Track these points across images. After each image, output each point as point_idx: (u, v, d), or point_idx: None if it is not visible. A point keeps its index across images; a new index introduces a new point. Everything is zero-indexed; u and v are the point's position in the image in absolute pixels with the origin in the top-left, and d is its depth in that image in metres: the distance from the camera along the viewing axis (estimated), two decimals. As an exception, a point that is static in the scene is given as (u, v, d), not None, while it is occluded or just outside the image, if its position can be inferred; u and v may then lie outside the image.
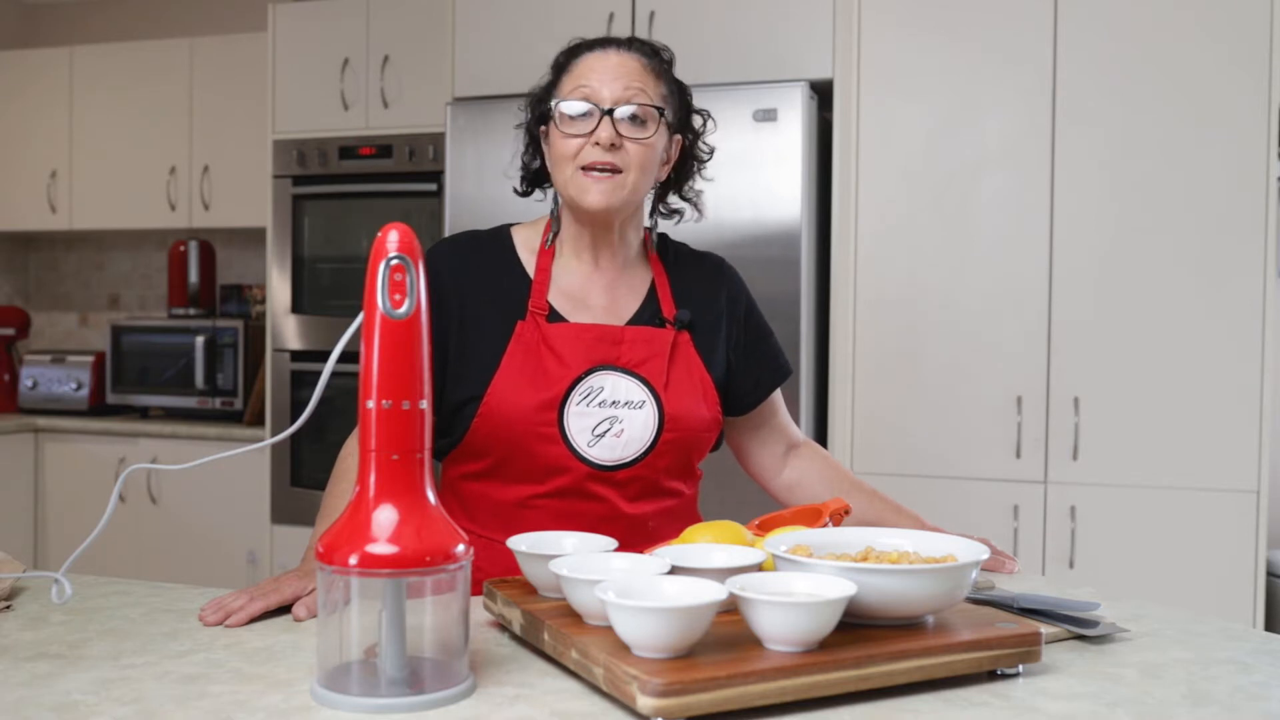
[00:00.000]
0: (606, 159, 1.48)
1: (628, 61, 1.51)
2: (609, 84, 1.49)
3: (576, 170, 1.49)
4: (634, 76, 1.50)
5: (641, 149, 1.50)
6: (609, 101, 1.48)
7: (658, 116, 1.51)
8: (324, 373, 1.14)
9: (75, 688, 1.00)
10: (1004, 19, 2.91)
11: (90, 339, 4.98)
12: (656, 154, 1.53)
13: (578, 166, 1.49)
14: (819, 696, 0.96)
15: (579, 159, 1.49)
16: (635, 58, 1.52)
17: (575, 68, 1.52)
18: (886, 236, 3.00)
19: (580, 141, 1.49)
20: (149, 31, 4.80)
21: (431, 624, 1.00)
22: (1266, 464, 2.74)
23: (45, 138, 4.57)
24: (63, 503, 4.33)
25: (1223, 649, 1.16)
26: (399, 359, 0.99)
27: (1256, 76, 2.74)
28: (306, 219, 3.97)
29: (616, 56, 1.51)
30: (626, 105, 1.48)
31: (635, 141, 1.49)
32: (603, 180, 1.49)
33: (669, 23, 3.18)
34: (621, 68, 1.50)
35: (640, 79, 1.51)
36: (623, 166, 1.49)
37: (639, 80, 1.50)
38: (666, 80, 1.55)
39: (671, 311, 1.58)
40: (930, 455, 2.97)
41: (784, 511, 1.44)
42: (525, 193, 1.66)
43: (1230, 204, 2.76)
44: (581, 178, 1.49)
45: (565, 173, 1.51)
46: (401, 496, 0.99)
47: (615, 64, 1.50)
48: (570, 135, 1.49)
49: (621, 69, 1.50)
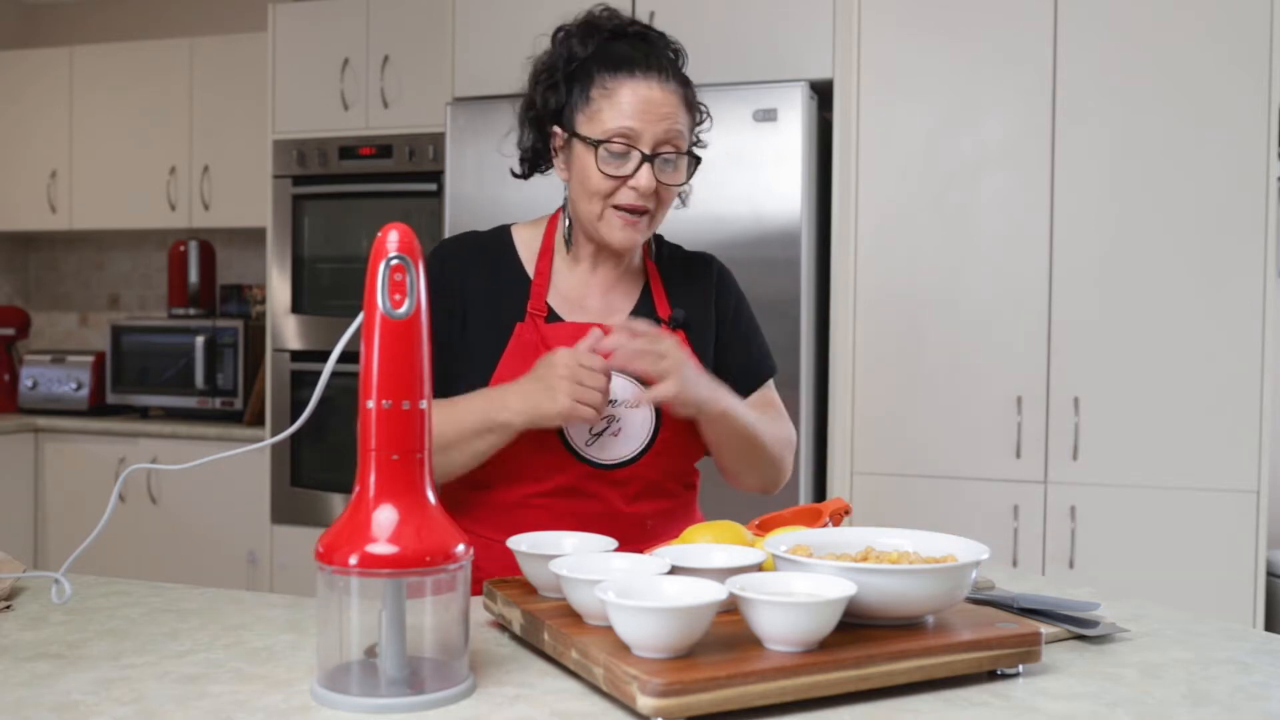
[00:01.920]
0: (643, 204, 1.48)
1: (669, 98, 1.48)
2: (651, 125, 1.46)
3: (608, 208, 1.48)
4: (674, 117, 1.48)
5: (672, 192, 1.51)
6: (649, 145, 1.46)
7: (690, 159, 1.51)
8: (324, 373, 1.14)
9: (75, 688, 1.00)
10: (1004, 19, 2.91)
11: (90, 339, 4.98)
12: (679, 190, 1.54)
13: (609, 204, 1.48)
14: (819, 696, 0.96)
15: (613, 198, 1.48)
16: (673, 91, 1.49)
17: (617, 94, 1.47)
18: (886, 236, 3.00)
19: (617, 182, 1.47)
20: (149, 31, 4.80)
21: (431, 624, 1.00)
22: (1266, 464, 2.74)
23: (45, 138, 4.57)
24: (63, 503, 4.33)
25: (1223, 649, 1.16)
26: (399, 359, 0.99)
27: (1256, 76, 2.74)
28: (306, 219, 3.97)
29: (660, 92, 1.47)
30: (666, 149, 1.47)
31: (668, 186, 1.49)
32: (635, 224, 1.49)
33: (669, 23, 3.15)
34: (665, 106, 1.47)
35: (679, 118, 1.48)
36: (652, 208, 1.49)
37: (678, 120, 1.48)
38: (694, 109, 1.54)
39: (666, 311, 1.59)
40: (930, 455, 2.97)
41: (784, 511, 1.44)
42: (524, 175, 1.62)
43: (1230, 204, 2.76)
44: (612, 216, 1.48)
45: (594, 207, 1.49)
46: (401, 496, 0.99)
47: (659, 101, 1.47)
48: (609, 175, 1.47)
49: (664, 107, 1.47)
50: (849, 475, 3.02)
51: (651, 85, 1.47)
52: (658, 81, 1.48)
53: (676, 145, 1.48)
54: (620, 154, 1.46)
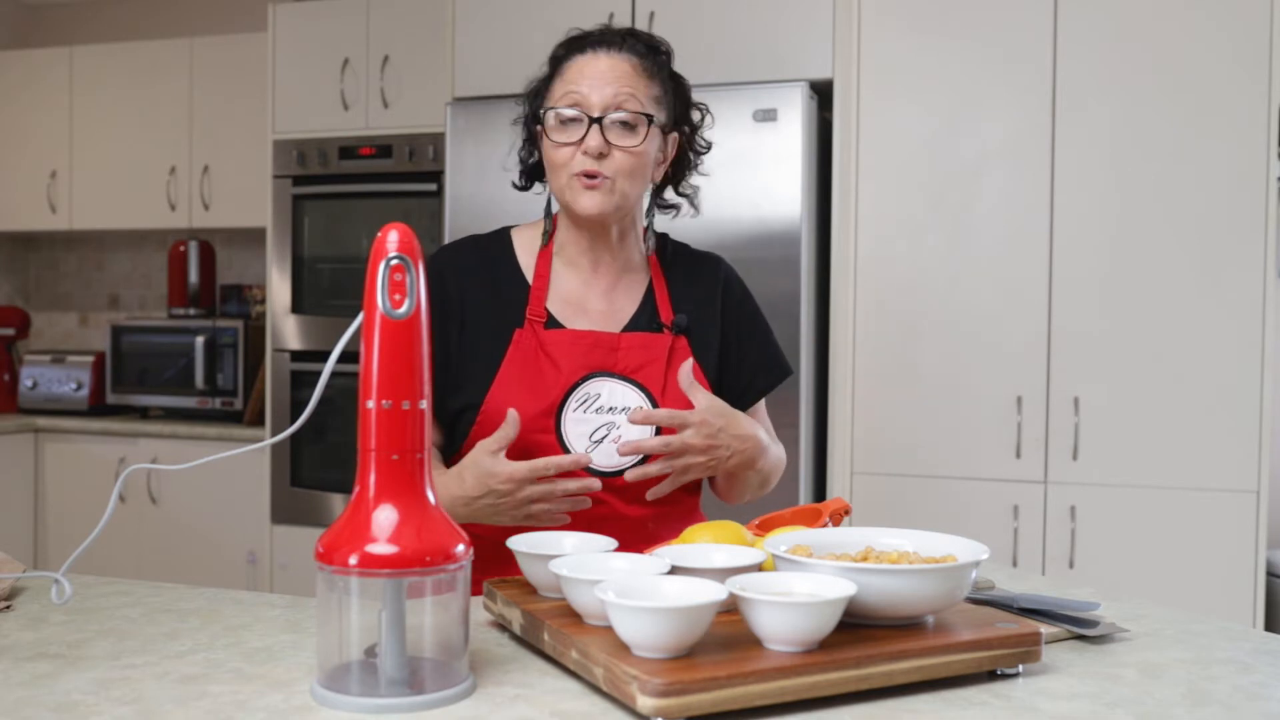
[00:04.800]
0: (595, 167, 1.48)
1: (619, 64, 1.50)
2: (598, 89, 1.48)
3: (570, 177, 1.50)
4: (624, 80, 1.49)
5: (630, 157, 1.49)
6: (598, 109, 1.48)
7: (647, 122, 1.50)
8: (324, 373, 1.14)
9: (75, 688, 1.00)
10: (1004, 19, 2.91)
11: (90, 339, 4.98)
12: (647, 159, 1.52)
13: (570, 173, 1.49)
14: (819, 696, 0.96)
15: (570, 166, 1.49)
16: (627, 59, 1.51)
17: (567, 70, 1.52)
18: (886, 236, 3.00)
19: (571, 150, 1.49)
20: (149, 31, 4.80)
21: (431, 624, 1.00)
22: (1266, 464, 2.74)
23: (45, 138, 4.57)
24: (63, 503, 4.33)
25: (1223, 649, 1.16)
26: (399, 359, 0.99)
27: (1257, 76, 2.74)
28: (306, 219, 3.97)
29: (607, 59, 1.50)
30: (615, 112, 1.48)
31: (624, 150, 1.49)
32: (594, 187, 1.49)
33: (669, 22, 3.18)
34: (612, 71, 1.49)
35: (631, 82, 1.49)
36: (611, 174, 1.49)
37: (629, 84, 1.49)
38: (661, 79, 1.54)
39: (669, 316, 1.58)
40: (930, 455, 2.97)
41: (784, 511, 1.43)
42: (524, 187, 1.65)
43: (1230, 204, 2.76)
44: (574, 183, 1.50)
45: (560, 179, 1.51)
46: (401, 496, 0.99)
47: (606, 67, 1.49)
48: (560, 144, 1.49)
49: (612, 73, 1.49)
50: (849, 475, 3.02)
51: (599, 55, 1.51)
52: (605, 52, 1.51)
53: (627, 108, 1.49)
54: (571, 120, 1.49)
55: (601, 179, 1.48)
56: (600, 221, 1.53)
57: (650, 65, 1.53)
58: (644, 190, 1.57)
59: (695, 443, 1.43)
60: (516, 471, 1.38)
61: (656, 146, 1.54)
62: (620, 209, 1.52)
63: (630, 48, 1.52)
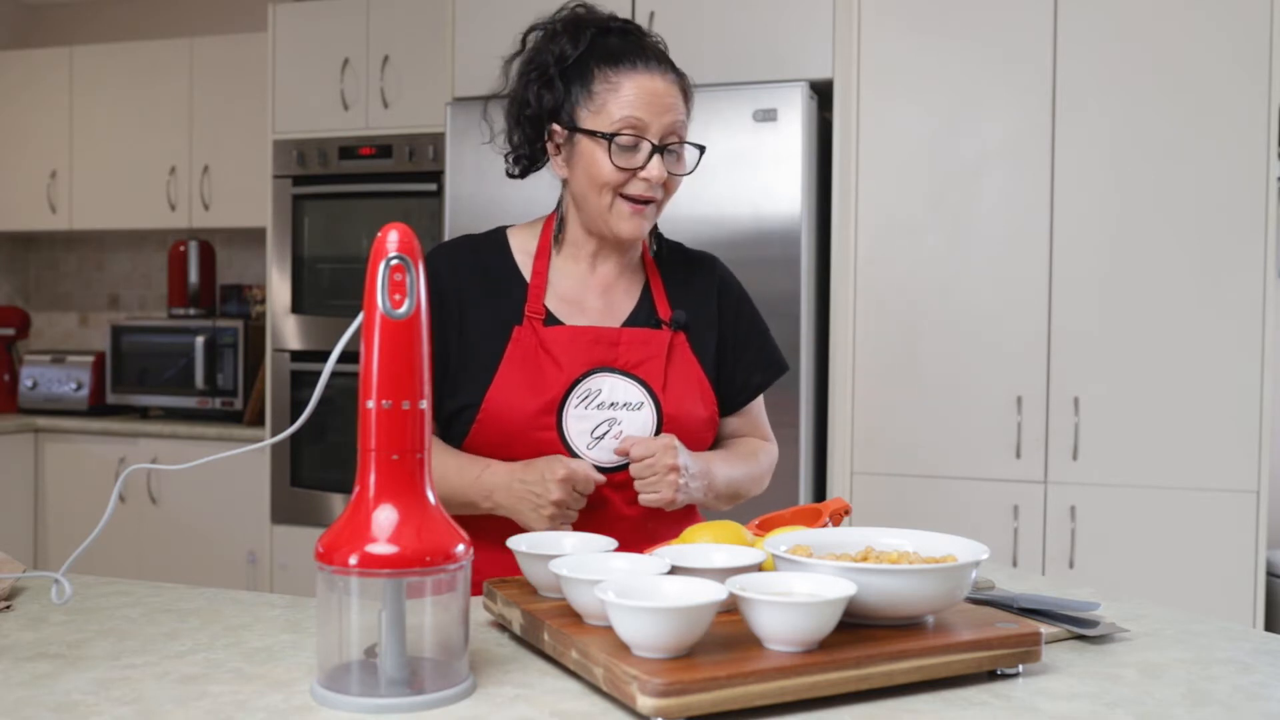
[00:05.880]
0: (650, 194, 1.49)
1: (671, 89, 1.50)
2: (657, 116, 1.48)
3: (617, 198, 1.50)
4: (677, 107, 1.50)
5: (678, 181, 1.52)
6: (657, 136, 1.48)
7: (699, 152, 1.53)
8: (324, 373, 1.14)
9: (75, 688, 1.00)
10: (1004, 19, 2.91)
11: (90, 339, 4.98)
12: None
13: (619, 195, 1.49)
14: (819, 696, 0.96)
15: (625, 189, 1.49)
16: (673, 81, 1.51)
17: (621, 87, 1.48)
18: (886, 236, 3.00)
19: (627, 175, 1.48)
20: (149, 31, 4.80)
21: (431, 624, 1.00)
22: (1266, 464, 2.74)
23: (45, 138, 4.57)
24: (63, 503, 4.33)
25: (1223, 649, 1.16)
26: (399, 359, 0.99)
27: (1256, 76, 2.74)
28: (306, 219, 3.97)
29: (662, 83, 1.50)
30: (672, 140, 1.49)
31: (675, 175, 1.51)
32: (640, 210, 1.50)
33: (669, 23, 3.18)
34: (668, 97, 1.49)
35: (679, 109, 1.51)
36: (660, 198, 1.51)
37: (679, 111, 1.51)
38: (690, 98, 1.55)
39: (667, 313, 1.59)
40: (930, 455, 2.97)
41: (784, 511, 1.43)
42: (520, 175, 1.61)
43: (1230, 204, 2.76)
44: (621, 205, 1.50)
45: (603, 199, 1.50)
46: (401, 496, 0.99)
47: (662, 91, 1.49)
48: (620, 168, 1.48)
49: (668, 98, 1.49)
50: (849, 475, 3.02)
51: (654, 77, 1.49)
52: (659, 73, 1.50)
53: (680, 135, 1.50)
54: (629, 146, 1.47)
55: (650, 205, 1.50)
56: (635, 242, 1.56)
57: (685, 85, 1.55)
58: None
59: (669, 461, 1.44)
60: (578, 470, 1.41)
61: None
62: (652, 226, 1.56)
63: (670, 68, 1.53)
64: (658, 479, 1.44)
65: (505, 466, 1.47)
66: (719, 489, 1.54)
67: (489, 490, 1.46)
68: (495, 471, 1.47)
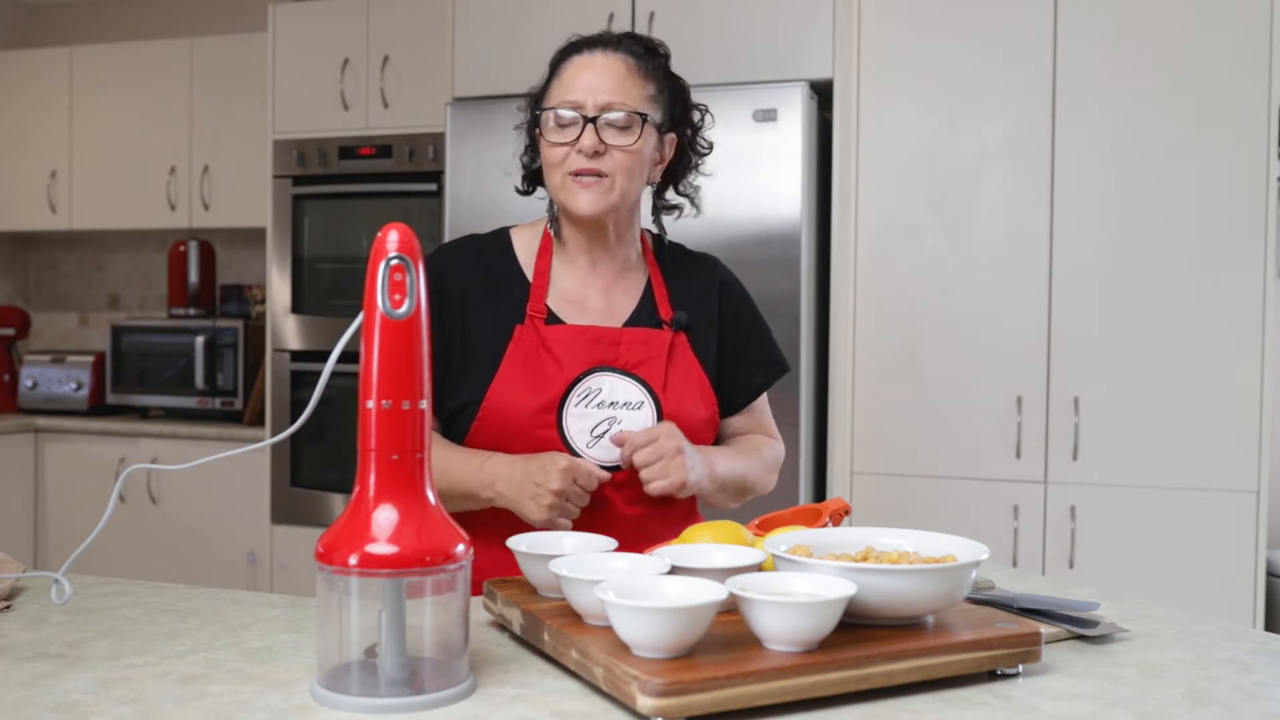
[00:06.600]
0: (591, 165, 1.50)
1: (614, 64, 1.51)
2: (594, 90, 1.49)
3: (566, 176, 1.51)
4: (619, 81, 1.50)
5: (626, 155, 1.51)
6: (592, 109, 1.49)
7: (641, 122, 1.51)
8: (324, 373, 1.14)
9: (75, 688, 1.00)
10: (1004, 19, 2.91)
11: (90, 339, 4.98)
12: (643, 158, 1.53)
13: (566, 173, 1.51)
14: (819, 696, 0.96)
15: (565, 165, 1.51)
16: (622, 59, 1.52)
17: (563, 72, 1.53)
18: (886, 236, 3.00)
19: (566, 149, 1.50)
20: (149, 31, 4.80)
21: (431, 624, 1.00)
22: (1266, 464, 2.74)
23: (45, 138, 4.57)
24: (63, 503, 4.33)
25: (1223, 649, 1.16)
26: (399, 359, 0.99)
27: (1256, 76, 2.74)
28: (306, 219, 3.97)
29: (603, 59, 1.52)
30: (609, 112, 1.49)
31: (619, 149, 1.50)
32: (590, 186, 1.50)
33: (669, 23, 3.18)
34: (607, 71, 1.51)
35: (625, 83, 1.51)
36: (608, 172, 1.50)
37: (624, 84, 1.51)
38: (656, 79, 1.55)
39: (669, 313, 1.59)
40: (930, 455, 2.97)
41: (784, 511, 1.44)
42: (526, 191, 1.66)
43: (1230, 204, 2.76)
44: (570, 183, 1.51)
45: (555, 178, 1.53)
46: (401, 496, 0.99)
47: (601, 67, 1.51)
48: (556, 144, 1.50)
49: (607, 73, 1.50)
50: (849, 475, 3.02)
51: (595, 56, 1.52)
52: (601, 52, 1.53)
53: (621, 107, 1.50)
54: (568, 123, 1.50)
55: (598, 177, 1.49)
56: (596, 221, 1.54)
57: (646, 65, 1.54)
58: (641, 189, 1.58)
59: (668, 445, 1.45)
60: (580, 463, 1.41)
61: (653, 146, 1.55)
62: (617, 208, 1.53)
63: (626, 48, 1.54)
64: (665, 463, 1.43)
65: (507, 457, 1.48)
66: (721, 478, 1.54)
67: (490, 480, 1.46)
68: (497, 462, 1.47)
